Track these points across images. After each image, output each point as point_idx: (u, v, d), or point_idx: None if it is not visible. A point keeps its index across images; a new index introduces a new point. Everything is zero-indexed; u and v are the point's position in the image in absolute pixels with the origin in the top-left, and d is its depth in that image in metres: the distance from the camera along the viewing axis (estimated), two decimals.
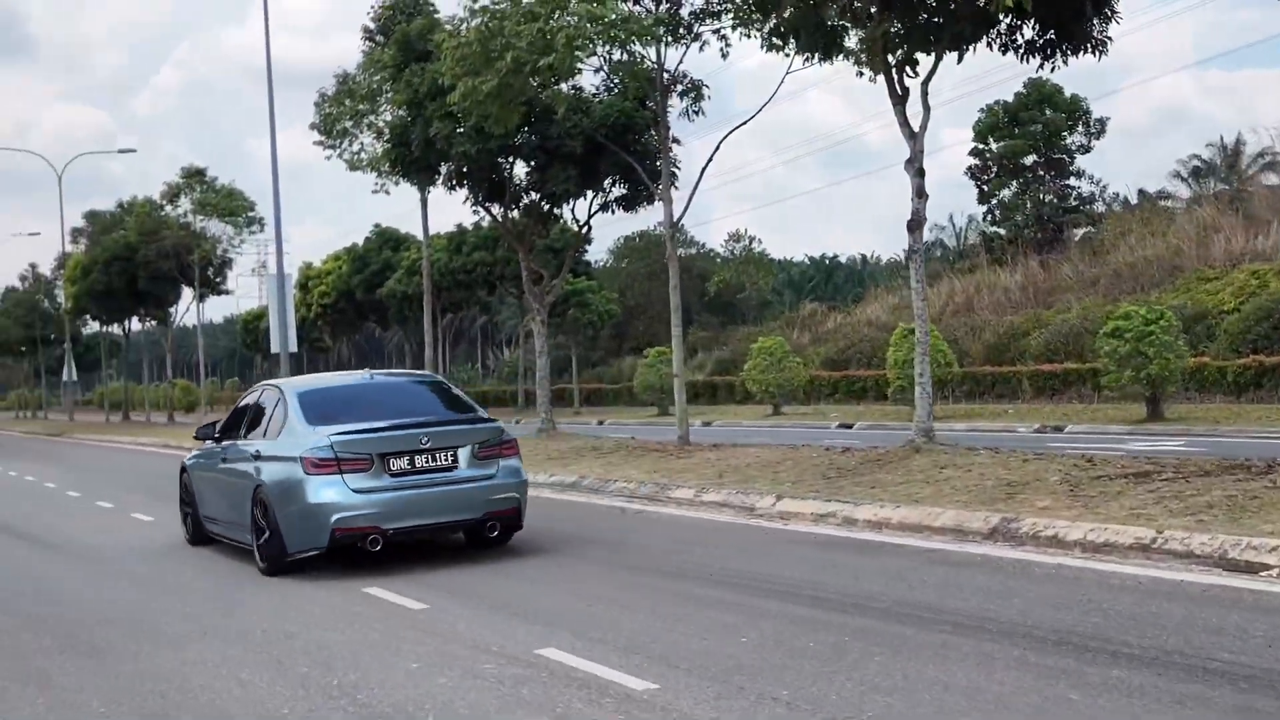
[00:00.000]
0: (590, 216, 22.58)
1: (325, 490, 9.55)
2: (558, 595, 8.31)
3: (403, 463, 9.73)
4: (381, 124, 22.98)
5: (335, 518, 9.47)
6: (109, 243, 46.25)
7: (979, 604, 7.23)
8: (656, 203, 22.06)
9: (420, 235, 30.60)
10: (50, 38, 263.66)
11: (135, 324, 55.84)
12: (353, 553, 9.75)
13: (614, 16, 15.24)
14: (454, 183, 21.49)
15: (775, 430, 28.19)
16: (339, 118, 23.61)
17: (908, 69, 14.17)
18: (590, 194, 22.16)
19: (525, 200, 22.63)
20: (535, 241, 24.47)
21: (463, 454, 10.00)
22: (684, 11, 17.96)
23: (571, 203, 22.46)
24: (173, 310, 50.96)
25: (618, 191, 22.06)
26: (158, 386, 67.67)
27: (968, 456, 12.86)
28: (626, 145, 20.35)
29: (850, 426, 27.97)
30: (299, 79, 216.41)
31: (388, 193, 24.54)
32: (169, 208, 43.70)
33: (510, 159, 21.64)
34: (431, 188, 22.65)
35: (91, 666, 7.02)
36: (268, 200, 36.66)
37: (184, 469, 12.83)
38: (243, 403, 11.84)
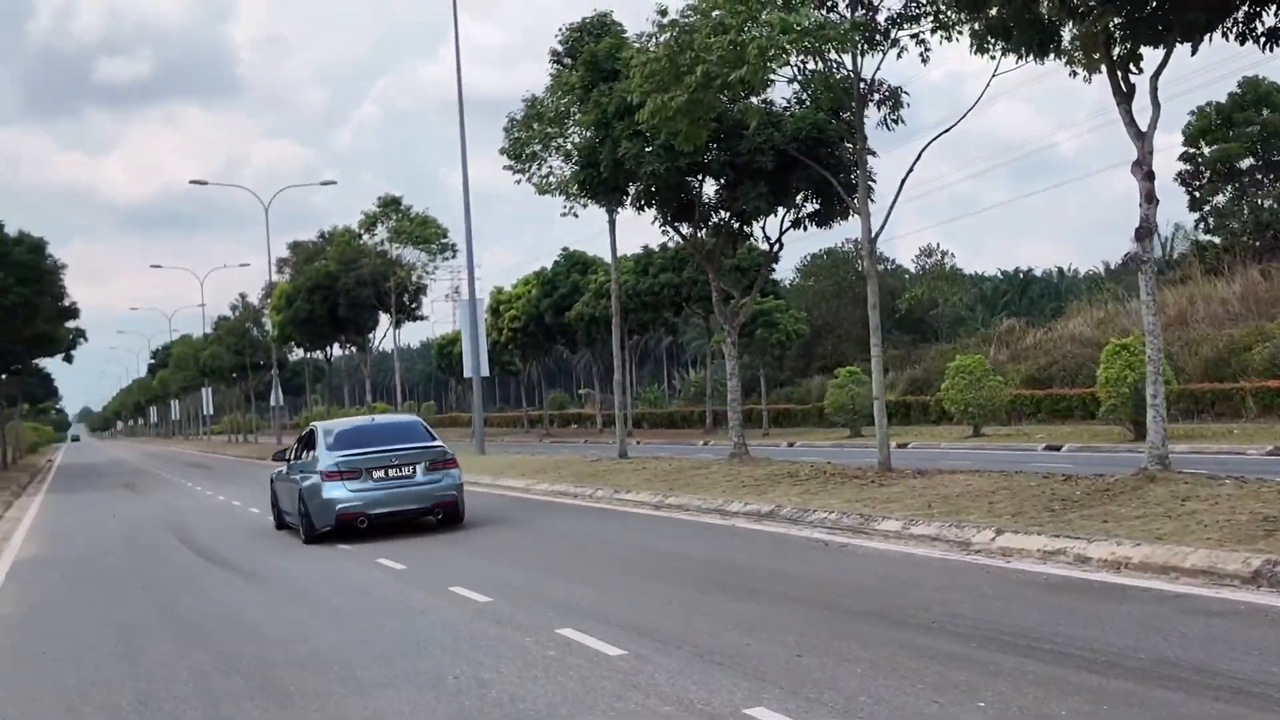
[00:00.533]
0: (781, 234, 21.90)
1: (333, 490, 15.30)
2: (765, 642, 7.65)
3: (380, 473, 15.46)
4: (569, 146, 22.86)
5: (338, 506, 15.25)
6: (311, 272, 47.94)
7: (1257, 665, 6.26)
8: (850, 218, 21.26)
9: (608, 258, 30.48)
10: (258, 79, 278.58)
11: (336, 350, 57.81)
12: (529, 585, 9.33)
13: (808, 24, 14.55)
14: (642, 203, 21.14)
15: (977, 453, 26.86)
16: (527, 141, 23.61)
17: (1131, 65, 13.05)
18: (781, 211, 21.48)
19: (714, 219, 22.11)
20: (724, 261, 23.90)
21: (419, 468, 15.73)
22: (880, 17, 17.16)
23: (762, 220, 21.83)
24: (371, 336, 52.48)
25: (810, 207, 21.31)
26: (358, 410, 69.90)
27: (1211, 486, 11.63)
28: (819, 159, 19.60)
29: (1058, 449, 26.45)
30: (488, 107, 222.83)
31: (576, 215, 24.46)
32: (366, 236, 45.04)
33: (699, 177, 21.16)
34: (620, 209, 22.37)
35: (281, 718, 6.74)
36: (460, 227, 37.36)
37: (271, 480, 18.64)
38: (300, 436, 17.64)
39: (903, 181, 17.35)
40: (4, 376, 58.06)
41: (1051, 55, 14.20)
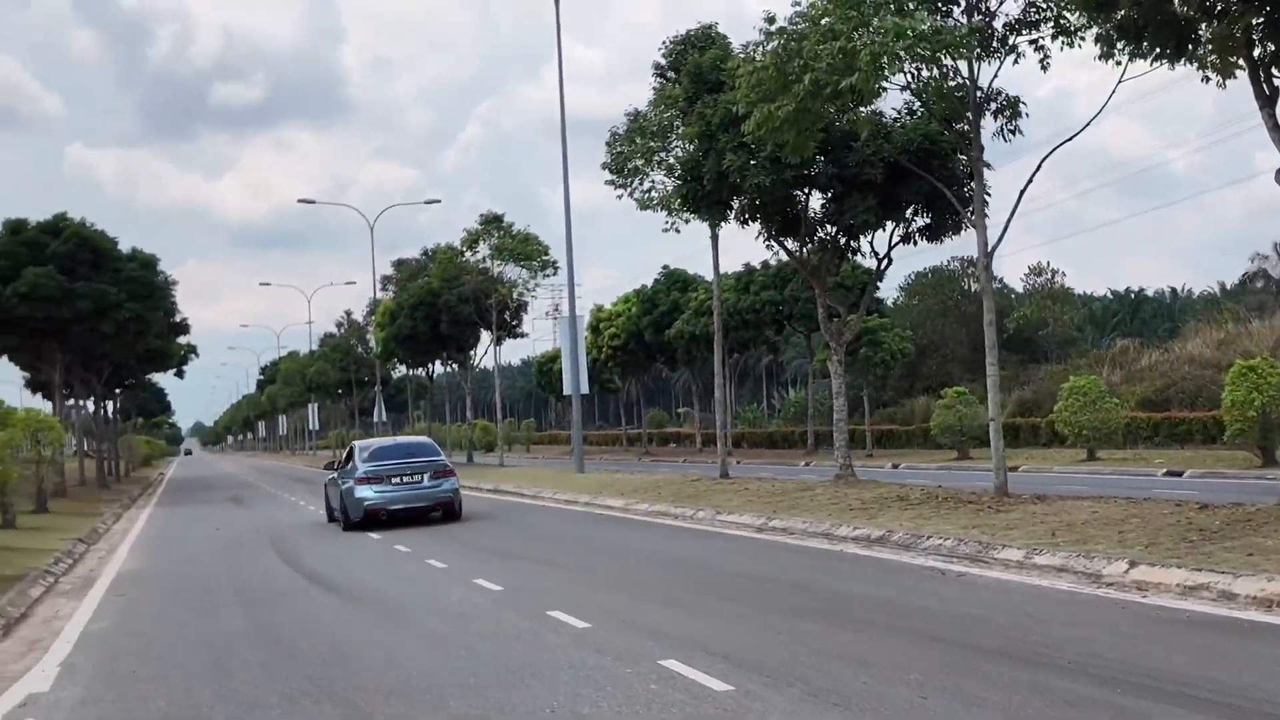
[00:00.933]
0: (890, 249, 21.22)
1: (362, 491, 20.48)
2: (883, 680, 7.08)
3: (396, 480, 20.70)
4: (672, 160, 22.48)
5: (365, 504, 20.40)
6: (414, 289, 48.30)
7: None
8: (963, 232, 20.52)
9: (708, 275, 30.04)
10: (366, 101, 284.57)
11: (438, 367, 58.19)
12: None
13: (924, 28, 13.95)
14: (746, 217, 20.65)
15: (1094, 478, 25.78)
16: (630, 156, 23.29)
17: (1274, 67, 12.22)
18: (889, 225, 20.82)
19: (820, 234, 21.53)
20: (829, 278, 23.26)
21: (426, 476, 20.99)
22: (996, 23, 16.48)
23: (870, 235, 21.19)
24: (472, 353, 52.71)
25: (920, 222, 20.62)
26: (458, 427, 70.32)
27: None
28: (930, 171, 18.92)
29: (1179, 474, 25.24)
30: (589, 127, 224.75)
31: (678, 231, 24.05)
32: (468, 254, 45.20)
33: (805, 190, 20.61)
34: (723, 224, 21.92)
35: None
36: (561, 245, 37.43)
37: (325, 484, 24.06)
38: (345, 450, 23.58)
39: (1021, 193, 16.61)
40: (119, 391, 59.72)
41: (1184, 60, 13.42)
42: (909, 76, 15.98)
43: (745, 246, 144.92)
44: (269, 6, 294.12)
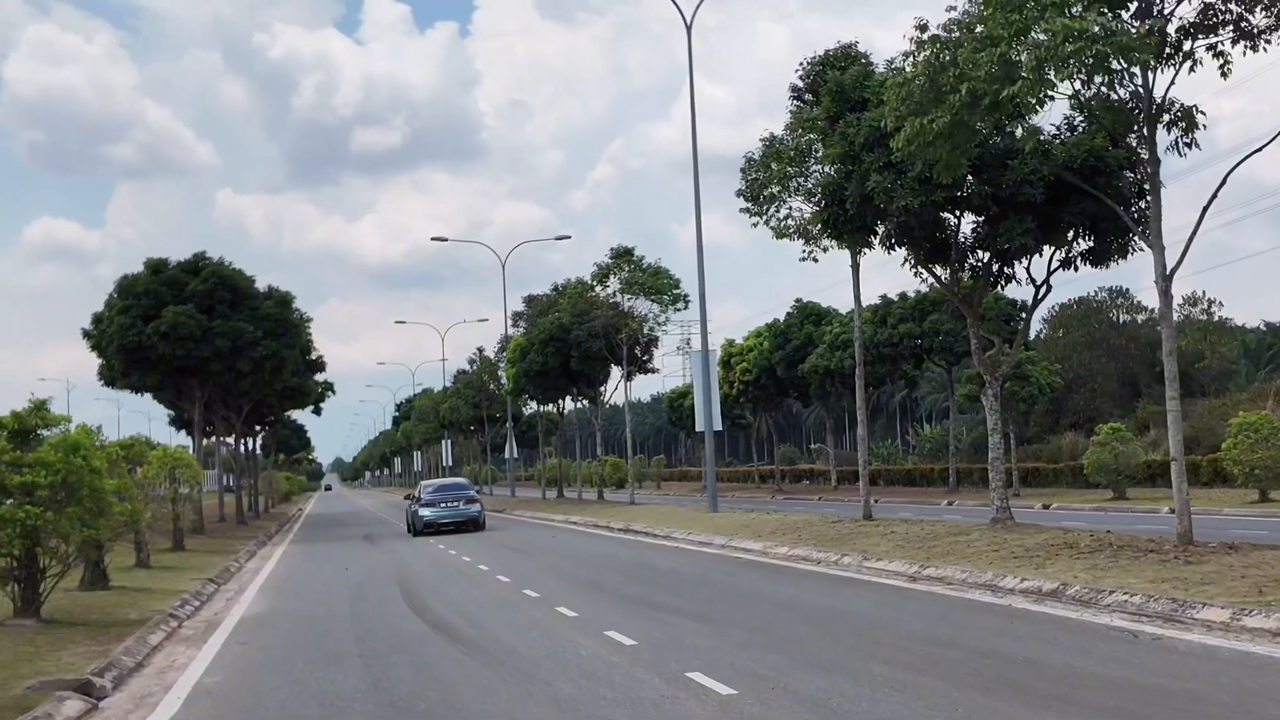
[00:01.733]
0: (1050, 274, 19.73)
1: (423, 511, 34.41)
2: None
3: (443, 504, 34.56)
4: (811, 184, 21.39)
5: (423, 519, 34.09)
6: (544, 324, 47.91)
7: None
8: (1130, 256, 18.97)
9: (842, 308, 28.83)
10: (500, 144, 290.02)
11: (569, 403, 57.73)
12: None
13: (1095, 29, 12.67)
14: (892, 242, 19.43)
15: (1272, 520, 23.74)
16: (765, 182, 22.28)
17: None
18: (1048, 249, 19.38)
19: (970, 259, 20.18)
20: (983, 306, 21.83)
21: (462, 502, 34.89)
22: (1170, 28, 15.07)
23: (1026, 260, 19.75)
24: (603, 389, 52.09)
25: (1082, 245, 19.13)
26: (589, 463, 69.87)
27: None
28: (1095, 190, 17.47)
29: None
30: (718, 164, 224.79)
31: (815, 260, 22.94)
32: (599, 288, 44.63)
33: (957, 212, 19.32)
34: (866, 250, 20.73)
35: None
36: (690, 280, 36.49)
37: (405, 508, 37.68)
38: (416, 489, 37.89)
39: (1204, 209, 15.07)
40: (259, 427, 60.74)
41: None
42: (1080, 83, 14.63)
43: (881, 279, 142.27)
44: (408, 55, 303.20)
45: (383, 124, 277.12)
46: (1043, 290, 20.07)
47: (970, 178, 18.00)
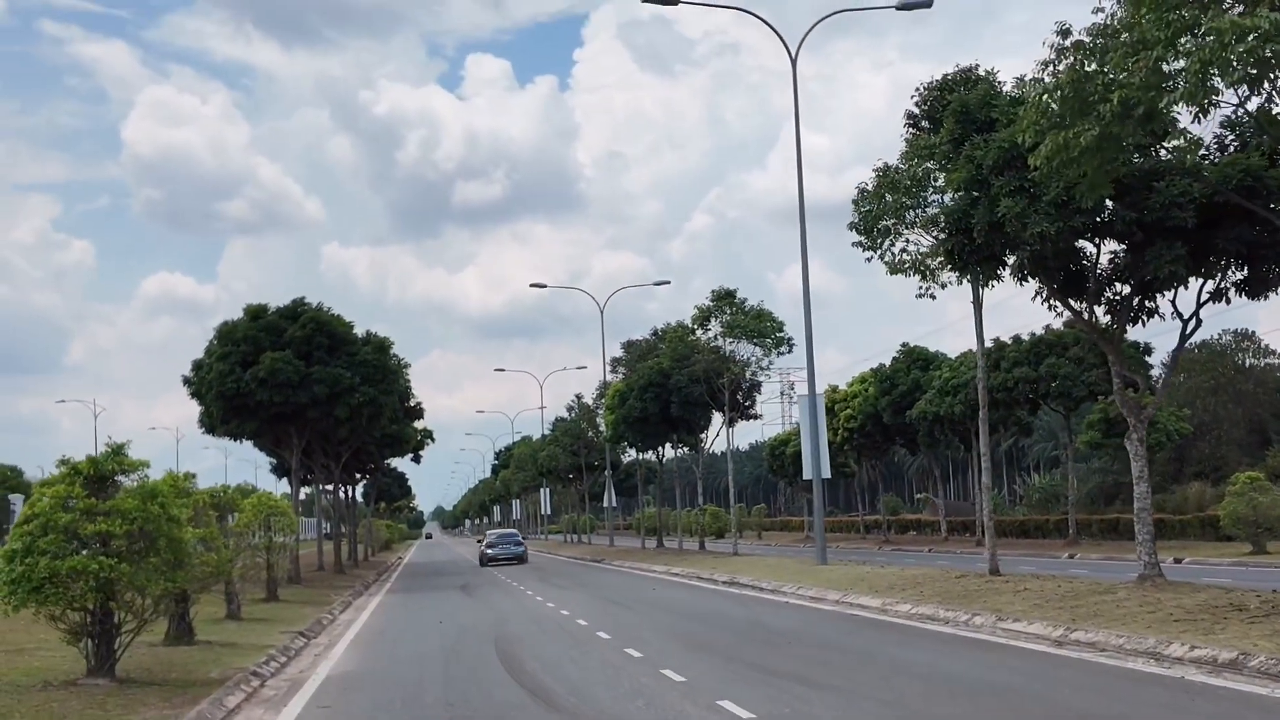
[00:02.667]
0: (1199, 307, 18.04)
1: (486, 552, 53.66)
2: None
3: (499, 546, 53.19)
4: (931, 213, 20.00)
5: (487, 555, 52.70)
6: (643, 369, 46.82)
7: None
8: None
9: (951, 352, 27.18)
10: (599, 194, 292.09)
11: (669, 451, 56.42)
12: None
13: (1267, 26, 11.23)
14: (1025, 273, 17.94)
15: None
16: (880, 214, 20.97)
17: None
18: (1195, 280, 17.74)
19: (1108, 291, 18.59)
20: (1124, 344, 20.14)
21: (512, 544, 53.33)
22: None
23: (1171, 291, 18.11)
24: (703, 436, 50.80)
25: (1236, 275, 17.46)
26: (689, 512, 68.43)
27: None
28: (1251, 214, 15.88)
29: None
30: (815, 213, 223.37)
31: (933, 297, 21.46)
32: (699, 331, 43.38)
33: (1096, 239, 17.78)
34: (993, 283, 19.25)
35: None
36: (791, 325, 35.28)
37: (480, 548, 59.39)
38: (485, 534, 73.46)
39: None
40: (359, 475, 60.56)
41: None
42: (1241, 93, 13.15)
43: (994, 320, 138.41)
44: (509, 109, 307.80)
45: (484, 177, 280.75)
46: (1191, 324, 18.37)
47: (1111, 202, 16.49)
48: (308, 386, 35.21)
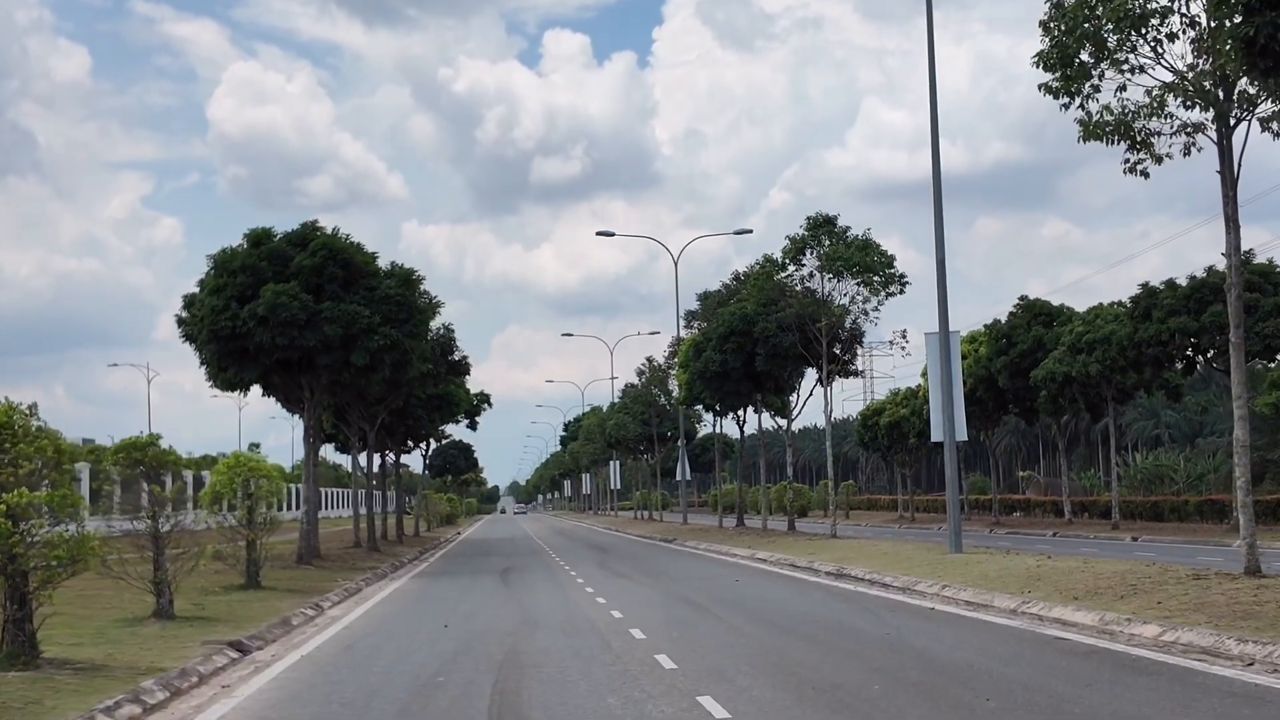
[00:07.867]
0: None
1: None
2: None
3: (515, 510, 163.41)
4: (1194, 13, 12.90)
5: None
6: (723, 315, 39.78)
7: None
8: None
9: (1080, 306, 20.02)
10: (677, 172, 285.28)
11: (750, 415, 49.16)
12: None
13: None
14: None
15: None
16: (1083, 37, 13.92)
17: None
18: None
19: None
20: None
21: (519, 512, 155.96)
22: None
23: None
24: (793, 396, 43.65)
25: None
26: (779, 486, 61.42)
27: None
28: None
29: None
30: (894, 191, 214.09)
31: (1146, 175, 14.49)
32: (792, 268, 36.09)
33: None
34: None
35: None
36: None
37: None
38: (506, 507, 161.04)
39: None
40: (410, 443, 54.52)
41: None
42: None
43: (1119, 274, 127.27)
44: (587, 86, 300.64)
45: (562, 154, 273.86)
46: None
47: None
48: (317, 326, 28.75)
